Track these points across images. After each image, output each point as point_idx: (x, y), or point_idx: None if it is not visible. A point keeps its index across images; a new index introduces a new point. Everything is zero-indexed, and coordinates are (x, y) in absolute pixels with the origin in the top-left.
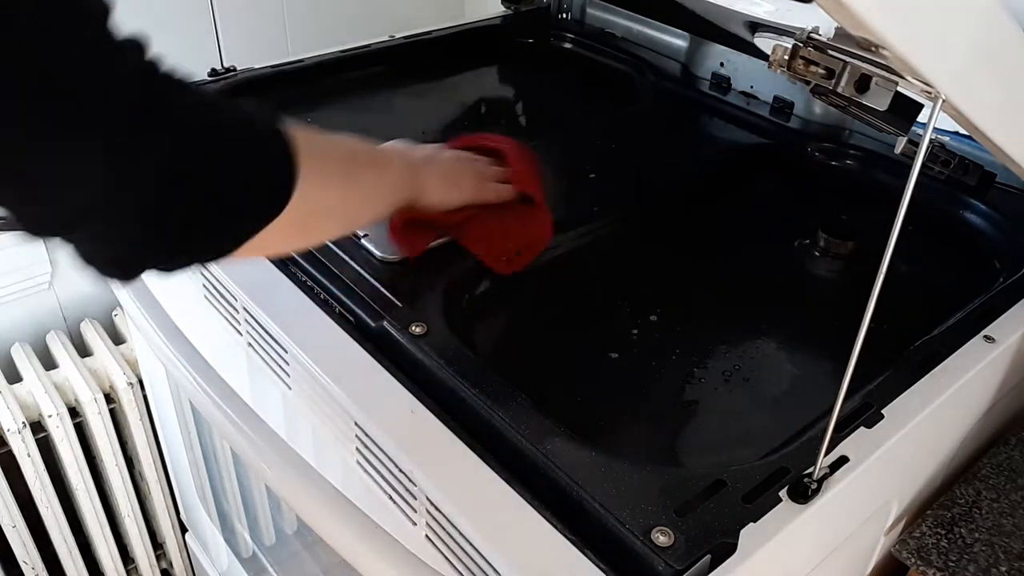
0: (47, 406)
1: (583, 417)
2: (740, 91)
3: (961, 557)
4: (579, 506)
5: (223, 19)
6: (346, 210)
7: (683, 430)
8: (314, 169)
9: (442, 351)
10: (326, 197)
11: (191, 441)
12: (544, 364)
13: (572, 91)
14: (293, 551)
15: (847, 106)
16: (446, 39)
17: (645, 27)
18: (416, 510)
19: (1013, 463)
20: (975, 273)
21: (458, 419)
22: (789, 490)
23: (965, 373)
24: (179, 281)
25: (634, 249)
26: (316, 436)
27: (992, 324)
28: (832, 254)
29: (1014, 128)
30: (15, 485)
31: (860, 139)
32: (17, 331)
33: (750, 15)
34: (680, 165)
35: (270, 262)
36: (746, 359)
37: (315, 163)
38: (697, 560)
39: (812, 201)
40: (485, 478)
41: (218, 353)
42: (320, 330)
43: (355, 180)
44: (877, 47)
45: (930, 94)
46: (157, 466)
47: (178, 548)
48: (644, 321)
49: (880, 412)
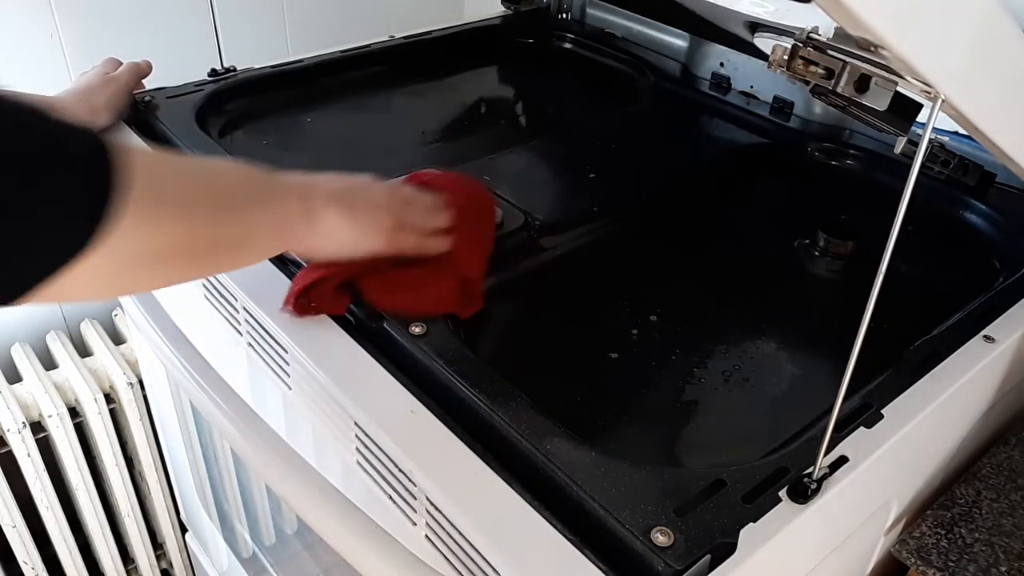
0: (47, 406)
1: (583, 417)
2: (740, 91)
3: (961, 557)
4: (579, 506)
5: (223, 19)
6: (202, 252)
7: (683, 430)
8: (153, 200)
9: (442, 351)
10: (169, 235)
11: (191, 441)
12: (544, 364)
13: (572, 91)
14: (293, 551)
15: (847, 106)
16: (446, 39)
17: (645, 27)
18: (416, 510)
19: (1013, 463)
20: (975, 273)
21: (458, 419)
22: (789, 490)
23: (965, 373)
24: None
25: (634, 249)
26: (316, 436)
27: (992, 324)
28: (832, 254)
29: (1014, 128)
30: (15, 485)
31: (860, 139)
32: (17, 331)
33: (750, 15)
34: (680, 165)
35: (270, 262)
36: (746, 359)
37: (157, 193)
38: (697, 560)
39: (812, 201)
40: (485, 478)
41: (218, 353)
42: (320, 330)
43: (219, 217)
44: (877, 47)
45: (930, 94)
46: (157, 466)
47: (178, 548)
48: (644, 321)
49: (880, 412)
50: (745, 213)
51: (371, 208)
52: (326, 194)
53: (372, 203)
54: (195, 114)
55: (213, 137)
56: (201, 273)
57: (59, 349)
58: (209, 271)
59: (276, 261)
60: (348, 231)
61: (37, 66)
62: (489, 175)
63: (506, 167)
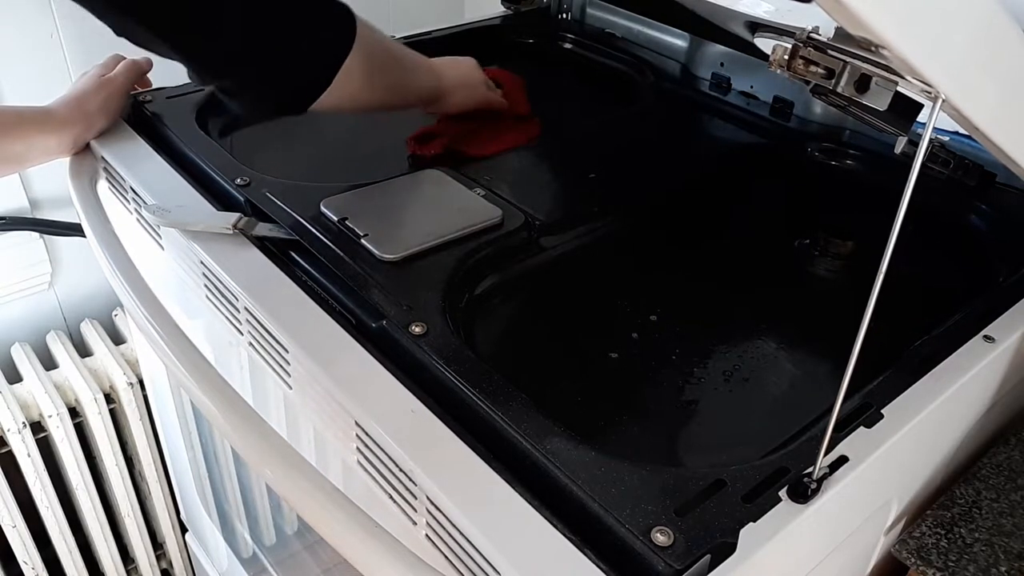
0: (47, 406)
1: (583, 417)
2: (740, 91)
3: (961, 557)
4: (579, 506)
5: None
6: (384, 83)
7: (683, 430)
8: (367, 38)
9: (442, 351)
10: (373, 64)
11: (191, 441)
12: (544, 364)
13: (572, 91)
14: (293, 551)
15: (847, 106)
16: (446, 39)
17: (645, 27)
18: (416, 510)
19: (1013, 463)
20: (975, 273)
21: (458, 419)
22: (789, 490)
23: (965, 373)
24: (180, 281)
25: (634, 249)
26: (316, 436)
27: (992, 324)
28: (832, 254)
29: (1014, 128)
30: (15, 485)
31: (860, 139)
32: (17, 331)
33: (750, 15)
34: (680, 165)
35: (270, 262)
36: (746, 359)
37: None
38: (697, 560)
39: (812, 201)
40: (485, 478)
41: (218, 353)
42: (320, 330)
43: (394, 63)
44: (877, 47)
45: (930, 94)
46: (157, 466)
47: (178, 548)
48: (644, 321)
49: (880, 412)
50: (745, 213)
51: (472, 72)
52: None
53: (470, 68)
54: (195, 114)
55: (214, 137)
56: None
57: (59, 349)
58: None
59: (276, 261)
60: (464, 90)
61: (37, 66)
62: (489, 175)
63: (506, 167)
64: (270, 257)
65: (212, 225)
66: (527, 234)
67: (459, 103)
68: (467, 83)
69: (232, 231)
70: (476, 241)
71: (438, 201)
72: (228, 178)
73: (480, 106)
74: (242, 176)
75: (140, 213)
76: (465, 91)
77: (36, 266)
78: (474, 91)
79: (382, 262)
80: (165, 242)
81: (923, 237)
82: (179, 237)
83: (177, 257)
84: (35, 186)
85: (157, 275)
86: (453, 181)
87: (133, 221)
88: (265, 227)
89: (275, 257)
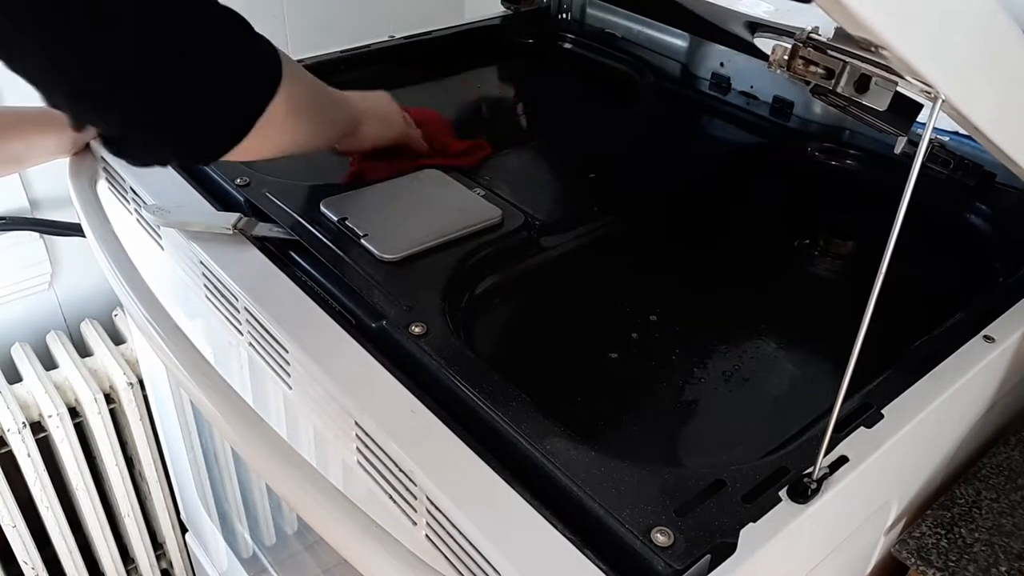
0: (47, 406)
1: (583, 417)
2: (740, 91)
3: (961, 557)
4: (579, 506)
5: None
6: (308, 125)
7: (683, 430)
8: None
9: (442, 351)
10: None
11: (191, 441)
12: (544, 364)
13: (572, 91)
14: (293, 551)
15: (847, 106)
16: (446, 39)
17: (645, 27)
18: (416, 510)
19: (1013, 463)
20: (975, 273)
21: (458, 419)
22: (789, 490)
23: (965, 373)
24: (180, 281)
25: (634, 249)
26: (316, 436)
27: (992, 324)
28: (832, 254)
29: (1014, 128)
30: (15, 485)
31: (860, 139)
32: (17, 331)
33: (750, 15)
34: (680, 165)
35: (270, 262)
36: (746, 359)
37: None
38: (697, 560)
39: (812, 201)
40: (485, 478)
41: (218, 353)
42: (320, 330)
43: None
44: (877, 47)
45: (930, 94)
46: (157, 466)
47: (178, 548)
48: (644, 321)
49: (880, 412)
50: (745, 213)
51: (389, 106)
52: (365, 109)
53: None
54: None
55: None
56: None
57: (59, 349)
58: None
59: (276, 261)
60: (380, 125)
61: None
62: (489, 175)
63: (506, 167)
64: (270, 257)
65: (212, 225)
66: (527, 234)
67: (374, 136)
68: (380, 114)
69: (232, 231)
70: (476, 241)
71: (438, 201)
72: (228, 178)
73: (398, 142)
74: (242, 176)
75: (140, 213)
76: (379, 124)
77: (36, 266)
78: (390, 125)
79: (382, 262)
80: (165, 242)
81: (923, 237)
82: (179, 237)
83: (177, 257)
84: (35, 186)
85: (157, 275)
86: (453, 181)
87: (133, 221)
88: (265, 227)
89: (275, 257)
